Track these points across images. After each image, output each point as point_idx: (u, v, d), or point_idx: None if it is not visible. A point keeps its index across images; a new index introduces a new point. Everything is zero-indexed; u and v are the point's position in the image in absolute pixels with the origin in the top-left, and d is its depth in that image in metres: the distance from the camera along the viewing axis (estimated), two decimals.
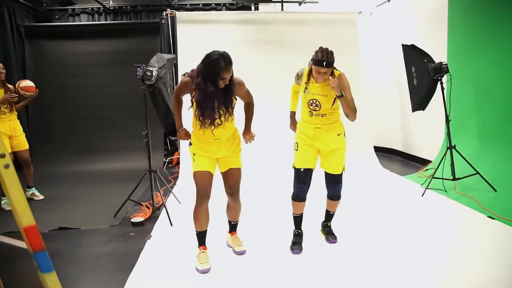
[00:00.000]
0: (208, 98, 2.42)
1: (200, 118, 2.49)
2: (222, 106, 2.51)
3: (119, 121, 6.50)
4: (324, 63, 2.58)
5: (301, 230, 3.06)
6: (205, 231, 2.78)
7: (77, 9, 7.05)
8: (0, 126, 4.19)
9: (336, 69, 2.80)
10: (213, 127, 2.53)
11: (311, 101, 2.82)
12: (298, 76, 2.92)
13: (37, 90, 4.46)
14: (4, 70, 4.25)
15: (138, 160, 5.75)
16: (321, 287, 2.41)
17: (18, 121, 4.47)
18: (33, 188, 4.67)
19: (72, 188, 5.20)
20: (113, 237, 3.39)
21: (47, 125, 6.48)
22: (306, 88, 2.82)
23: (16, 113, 4.46)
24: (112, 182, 5.40)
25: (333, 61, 2.63)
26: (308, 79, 2.82)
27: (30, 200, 4.55)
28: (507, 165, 4.20)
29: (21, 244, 1.22)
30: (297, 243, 2.97)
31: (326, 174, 2.97)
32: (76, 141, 6.45)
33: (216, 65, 2.36)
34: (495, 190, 4.05)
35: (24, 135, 4.53)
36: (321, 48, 2.64)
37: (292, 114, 3.18)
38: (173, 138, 6.90)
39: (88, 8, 7.06)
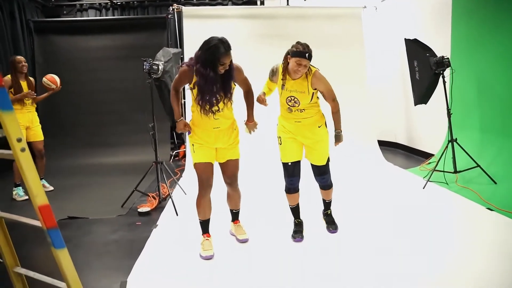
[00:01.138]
0: (209, 83, 2.47)
1: (200, 103, 2.53)
2: (221, 91, 2.55)
3: (127, 115, 6.62)
4: (306, 55, 2.64)
5: (300, 219, 3.13)
6: (208, 220, 2.87)
7: (85, 4, 7.18)
8: (19, 117, 4.37)
9: (312, 66, 2.82)
10: (211, 113, 2.57)
11: (289, 98, 2.83)
12: (273, 72, 2.90)
13: (61, 86, 4.60)
14: (26, 64, 4.44)
15: (145, 153, 5.88)
16: (323, 276, 2.49)
17: (36, 113, 4.65)
18: (43, 179, 4.81)
19: (81, 180, 5.34)
20: (121, 226, 3.51)
21: (56, 119, 6.62)
22: (283, 85, 2.82)
23: (35, 105, 4.63)
24: (119, 174, 5.54)
25: (312, 55, 2.69)
26: (284, 76, 2.81)
27: None
28: (508, 158, 4.24)
29: (36, 222, 1.32)
30: (298, 232, 3.04)
31: (312, 165, 3.02)
32: (85, 134, 6.59)
33: (215, 50, 2.40)
34: (495, 183, 4.09)
35: (40, 126, 4.71)
36: (300, 42, 2.71)
37: (261, 93, 2.98)
38: (179, 132, 7.00)
39: (95, 3, 7.18)
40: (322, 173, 3.01)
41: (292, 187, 2.99)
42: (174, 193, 4.30)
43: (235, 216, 3.10)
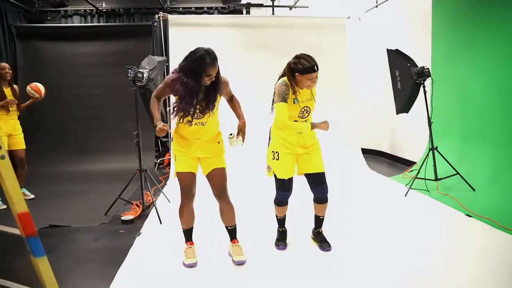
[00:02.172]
0: (188, 93, 2.43)
1: (175, 109, 2.52)
2: (204, 102, 2.52)
3: (112, 122, 6.56)
4: (315, 67, 2.60)
5: (285, 228, 3.11)
6: (191, 228, 2.85)
7: (69, 10, 7.13)
8: (2, 124, 4.32)
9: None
10: (188, 122, 2.54)
11: (303, 110, 2.77)
12: (288, 88, 2.70)
13: (45, 95, 4.57)
14: (10, 71, 4.39)
15: (130, 160, 5.79)
16: (307, 283, 2.52)
17: (18, 121, 4.58)
18: (23, 188, 4.73)
19: (63, 187, 5.27)
20: (104, 234, 3.47)
21: (39, 125, 6.51)
22: (296, 99, 2.72)
23: (18, 112, 4.56)
24: (103, 182, 5.48)
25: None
26: (294, 90, 2.72)
27: None
28: (486, 165, 4.36)
29: (15, 230, 1.31)
30: (282, 240, 3.05)
31: (310, 176, 2.87)
32: (68, 141, 6.51)
33: (201, 61, 2.38)
34: (474, 190, 4.20)
35: (22, 135, 4.64)
36: (301, 55, 2.67)
37: (313, 124, 2.82)
38: (164, 139, 6.98)
39: (80, 10, 7.14)
40: (322, 182, 2.86)
41: (284, 201, 2.94)
42: (158, 201, 4.28)
43: (231, 234, 2.89)
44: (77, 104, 6.62)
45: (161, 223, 3.66)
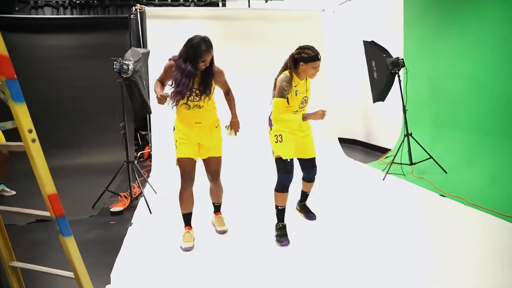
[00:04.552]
0: (185, 76, 2.61)
1: (173, 94, 2.67)
2: (201, 87, 2.71)
3: (90, 115, 6.46)
4: (319, 55, 2.79)
5: (284, 222, 3.02)
6: (190, 213, 2.99)
7: (40, 1, 6.92)
8: None
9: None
10: (185, 103, 2.73)
11: (303, 100, 2.95)
12: (289, 84, 2.82)
13: None
14: None
15: (110, 153, 5.81)
16: (291, 264, 2.67)
17: None
18: (3, 184, 4.62)
19: None
20: (95, 226, 3.49)
21: (11, 119, 6.33)
22: (297, 90, 2.88)
23: None
24: (86, 176, 5.42)
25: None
26: (295, 81, 2.86)
27: (0, 196, 4.52)
28: (457, 149, 4.66)
29: (44, 213, 1.37)
30: (283, 235, 2.94)
31: (303, 160, 3.13)
32: (47, 135, 6.33)
33: (198, 47, 2.58)
34: (446, 172, 4.49)
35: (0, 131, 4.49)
36: (305, 46, 2.84)
37: (304, 115, 3.04)
38: (143, 133, 6.94)
39: (52, 1, 6.94)
40: (313, 165, 3.16)
41: (288, 184, 2.92)
42: (145, 192, 4.31)
43: (216, 208, 3.27)
44: (53, 97, 6.45)
45: (151, 213, 3.71)
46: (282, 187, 2.92)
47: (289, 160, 2.91)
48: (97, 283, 2.39)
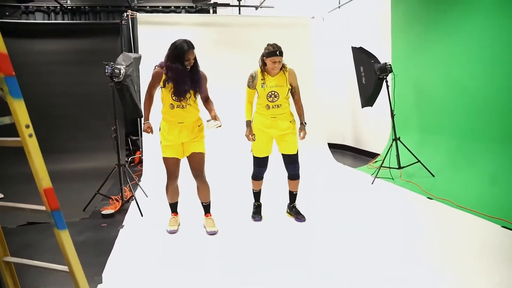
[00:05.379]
0: (179, 74, 2.87)
1: (174, 92, 2.91)
2: (190, 84, 2.94)
3: (80, 121, 6.43)
4: (278, 52, 3.09)
5: (260, 202, 3.60)
6: (176, 202, 3.38)
7: (31, 7, 6.91)
8: None
9: (286, 65, 3.27)
10: (172, 105, 2.96)
11: (270, 93, 3.21)
12: (253, 78, 3.25)
13: None
14: None
15: (102, 158, 5.79)
16: (280, 259, 2.71)
17: None
18: None
19: (33, 186, 5.11)
20: (86, 228, 3.49)
21: (6, 124, 6.28)
22: (263, 83, 3.21)
23: None
24: (76, 180, 5.40)
25: (282, 52, 3.12)
26: (263, 76, 3.22)
27: None
28: (443, 153, 4.78)
29: (39, 207, 1.39)
30: (257, 213, 3.54)
31: (284, 156, 3.38)
32: (38, 140, 6.31)
33: (181, 48, 2.86)
34: (433, 176, 4.59)
35: None
36: (269, 43, 3.16)
37: (248, 123, 3.36)
38: (134, 138, 6.95)
39: (43, 6, 6.95)
40: (293, 161, 3.36)
41: (259, 175, 3.44)
42: (136, 195, 4.31)
43: (206, 209, 3.37)
44: (43, 103, 6.41)
45: (142, 215, 3.72)
46: (255, 176, 3.45)
47: (261, 157, 3.31)
48: (89, 282, 2.41)
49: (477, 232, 3.08)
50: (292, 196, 3.55)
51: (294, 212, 3.54)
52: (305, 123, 3.37)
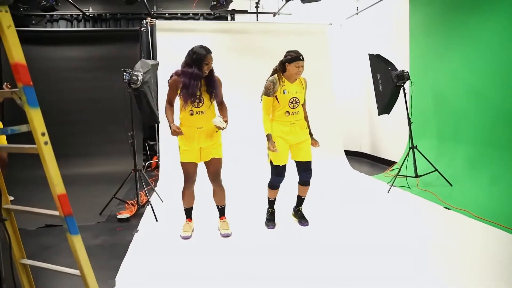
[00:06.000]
0: (193, 79, 2.92)
1: (183, 96, 2.97)
2: (206, 88, 3.04)
3: (99, 126, 6.59)
4: (301, 57, 3.15)
5: (274, 209, 3.60)
6: (191, 208, 3.40)
7: (55, 15, 7.14)
8: None
9: None
10: (193, 108, 3.02)
11: (291, 100, 3.24)
12: (274, 84, 3.21)
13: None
14: None
15: (118, 163, 5.91)
16: (293, 265, 2.70)
17: (0, 122, 4.58)
18: None
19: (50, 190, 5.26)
20: (101, 232, 3.56)
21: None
22: (284, 90, 3.23)
23: None
24: (93, 185, 5.51)
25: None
26: (283, 82, 3.25)
27: None
28: (461, 162, 4.67)
29: (53, 212, 1.44)
30: (271, 220, 3.54)
31: (300, 163, 3.40)
32: (55, 145, 6.47)
33: (200, 53, 2.94)
34: (451, 185, 4.49)
35: (5, 136, 4.60)
36: (290, 50, 3.23)
37: (269, 136, 3.24)
38: (151, 143, 7.06)
39: (66, 14, 7.16)
40: (308, 168, 3.39)
41: (277, 185, 3.43)
42: (152, 200, 4.38)
43: (221, 212, 3.46)
44: (64, 108, 6.61)
45: (157, 220, 3.77)
46: (272, 186, 3.45)
47: (280, 166, 3.29)
48: (102, 286, 2.46)
49: (497, 245, 2.99)
50: (300, 200, 3.60)
51: (298, 215, 3.61)
52: (311, 134, 3.46)
